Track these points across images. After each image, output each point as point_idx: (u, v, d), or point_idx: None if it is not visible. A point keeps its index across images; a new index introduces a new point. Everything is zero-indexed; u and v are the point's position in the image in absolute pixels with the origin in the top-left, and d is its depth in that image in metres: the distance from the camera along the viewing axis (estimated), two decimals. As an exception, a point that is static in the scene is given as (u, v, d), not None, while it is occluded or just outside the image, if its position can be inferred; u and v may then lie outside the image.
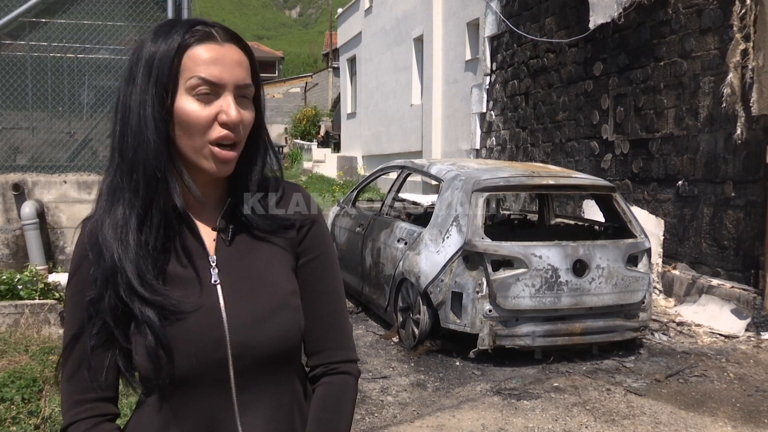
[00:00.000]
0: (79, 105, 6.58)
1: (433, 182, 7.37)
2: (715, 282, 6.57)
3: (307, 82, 35.76)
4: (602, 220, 6.27)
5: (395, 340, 5.83)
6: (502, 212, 8.67)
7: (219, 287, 1.20)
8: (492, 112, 12.10)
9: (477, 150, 12.67)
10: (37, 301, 5.35)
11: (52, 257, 6.34)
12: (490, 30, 12.03)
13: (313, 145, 27.13)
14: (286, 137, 29.86)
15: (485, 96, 12.30)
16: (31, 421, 3.57)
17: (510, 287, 5.05)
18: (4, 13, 6.25)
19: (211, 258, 1.21)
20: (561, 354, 5.35)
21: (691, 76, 7.11)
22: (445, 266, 5.21)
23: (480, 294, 5.08)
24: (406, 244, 5.75)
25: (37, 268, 5.73)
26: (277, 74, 43.88)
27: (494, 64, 12.03)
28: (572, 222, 7.14)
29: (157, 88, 1.13)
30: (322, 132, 29.88)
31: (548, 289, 5.10)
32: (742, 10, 6.28)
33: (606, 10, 8.45)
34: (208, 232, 1.23)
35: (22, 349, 4.50)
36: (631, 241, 5.47)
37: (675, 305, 6.89)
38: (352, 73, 23.29)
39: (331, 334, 1.30)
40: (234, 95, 1.15)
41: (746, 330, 5.99)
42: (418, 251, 5.49)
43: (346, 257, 6.89)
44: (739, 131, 6.33)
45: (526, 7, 10.75)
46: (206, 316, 1.16)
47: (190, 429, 1.18)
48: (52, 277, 5.82)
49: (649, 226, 7.16)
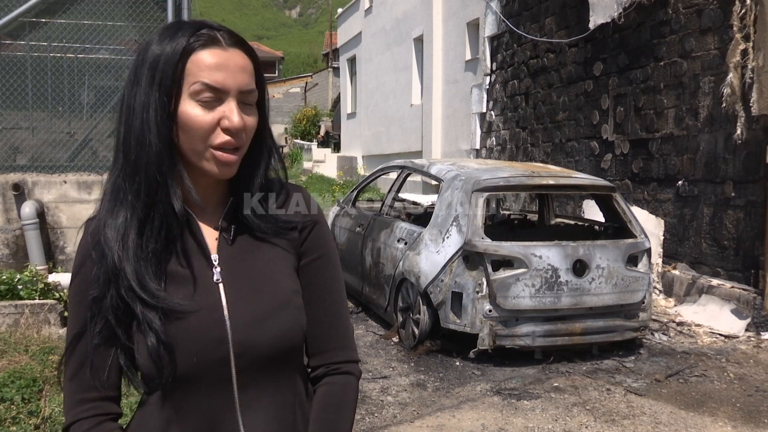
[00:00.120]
0: (79, 105, 6.58)
1: (433, 182, 7.37)
2: (715, 282, 6.57)
3: (307, 82, 35.78)
4: (602, 220, 6.27)
5: (395, 340, 5.83)
6: (502, 212, 8.67)
7: (221, 286, 1.20)
8: (492, 112, 12.10)
9: (477, 150, 12.67)
10: (37, 301, 5.35)
11: (52, 257, 6.34)
12: (490, 30, 12.03)
13: (313, 145, 27.13)
14: (286, 137, 29.85)
15: (485, 96, 12.30)
16: (31, 421, 3.57)
17: (510, 287, 5.05)
18: (4, 13, 6.25)
19: (213, 257, 1.21)
20: (561, 354, 5.35)
21: (691, 76, 7.11)
22: (445, 266, 5.21)
23: (480, 294, 5.08)
24: (406, 244, 5.75)
25: (37, 268, 5.73)
26: (277, 74, 43.87)
27: (494, 64, 12.03)
28: (572, 222, 7.14)
29: (161, 92, 1.13)
30: (322, 132, 29.88)
31: (548, 289, 5.10)
32: (742, 10, 6.28)
33: (606, 10, 8.45)
34: (210, 232, 1.24)
35: (22, 349, 4.50)
36: (631, 241, 5.47)
37: (675, 305, 6.89)
38: (352, 73, 23.29)
39: (332, 335, 1.30)
40: (237, 100, 1.15)
41: (746, 330, 5.99)
42: (418, 251, 5.49)
43: (346, 257, 6.89)
44: (739, 131, 6.33)
45: (526, 7, 10.75)
46: (208, 315, 1.17)
47: (191, 428, 1.18)
48: (52, 277, 5.82)
49: (649, 226, 7.16)
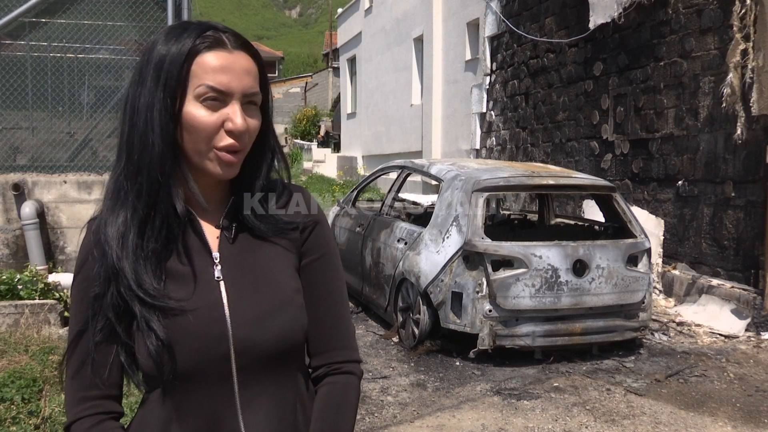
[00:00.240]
0: (79, 105, 6.58)
1: (433, 182, 7.37)
2: (715, 282, 6.57)
3: (307, 82, 35.78)
4: (602, 220, 6.27)
5: (395, 340, 5.83)
6: (502, 212, 8.67)
7: (222, 284, 1.20)
8: (492, 112, 12.10)
9: (477, 150, 12.67)
10: (37, 301, 5.35)
11: (52, 257, 6.34)
12: (490, 30, 12.03)
13: (313, 145, 27.13)
14: (286, 137, 29.86)
15: (485, 96, 12.30)
16: (31, 421, 3.57)
17: (510, 287, 5.05)
18: (4, 13, 6.25)
19: (214, 255, 1.22)
20: (561, 354, 5.35)
21: (691, 76, 7.11)
22: (445, 266, 5.21)
23: (480, 294, 5.08)
24: (406, 244, 5.75)
25: (37, 268, 5.73)
26: (277, 74, 43.88)
27: (494, 64, 12.03)
28: (572, 222, 7.14)
29: (165, 92, 1.13)
30: (322, 132, 29.89)
31: (548, 289, 5.10)
32: (742, 10, 6.28)
33: (606, 10, 8.45)
34: (211, 231, 1.24)
35: (22, 349, 4.50)
36: (631, 241, 5.47)
37: (675, 305, 6.89)
38: (352, 73, 23.29)
39: (334, 335, 1.30)
40: (241, 103, 1.16)
41: (746, 330, 5.99)
42: (418, 251, 5.49)
43: (346, 257, 6.89)
44: (739, 131, 6.32)
45: (526, 7, 10.75)
46: (209, 313, 1.17)
47: (192, 426, 1.18)
48: (52, 277, 5.82)
49: (649, 226, 7.16)
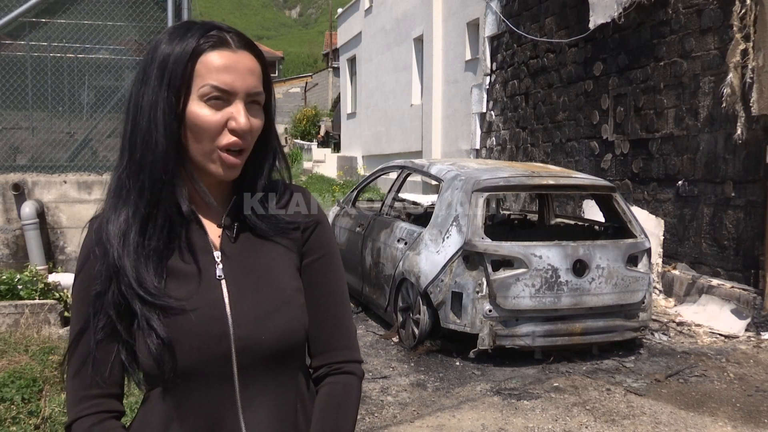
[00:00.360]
0: (79, 105, 6.58)
1: (433, 182, 7.37)
2: (715, 282, 6.57)
3: (307, 82, 35.80)
4: (602, 220, 6.27)
5: (395, 340, 5.83)
6: (502, 212, 8.67)
7: (223, 282, 1.20)
8: (492, 112, 12.10)
9: (477, 150, 12.67)
10: (37, 301, 5.35)
11: (52, 257, 6.34)
12: (490, 30, 12.03)
13: (313, 145, 27.15)
14: (286, 137, 29.87)
15: (485, 96, 12.30)
16: (31, 421, 3.57)
17: (510, 287, 5.05)
18: (4, 13, 6.25)
19: (216, 254, 1.22)
20: (561, 354, 5.35)
21: (691, 76, 7.11)
22: (445, 266, 5.21)
23: (480, 294, 5.08)
24: (406, 244, 5.75)
25: (37, 268, 5.73)
26: (277, 74, 43.88)
27: (494, 64, 12.03)
28: (572, 222, 7.14)
29: (169, 92, 1.13)
30: (322, 132, 29.91)
31: (548, 289, 5.10)
32: (742, 10, 6.28)
33: (606, 10, 8.45)
34: (213, 230, 1.24)
35: (22, 349, 4.50)
36: (631, 241, 5.47)
37: (675, 305, 6.89)
38: (352, 73, 23.29)
39: (335, 334, 1.30)
40: (245, 102, 1.16)
41: (746, 330, 5.99)
42: (418, 251, 5.49)
43: (346, 257, 6.89)
44: (739, 131, 6.32)
45: (526, 7, 10.75)
46: (210, 311, 1.17)
47: (193, 425, 1.18)
48: (52, 277, 5.83)
49: (649, 226, 7.16)
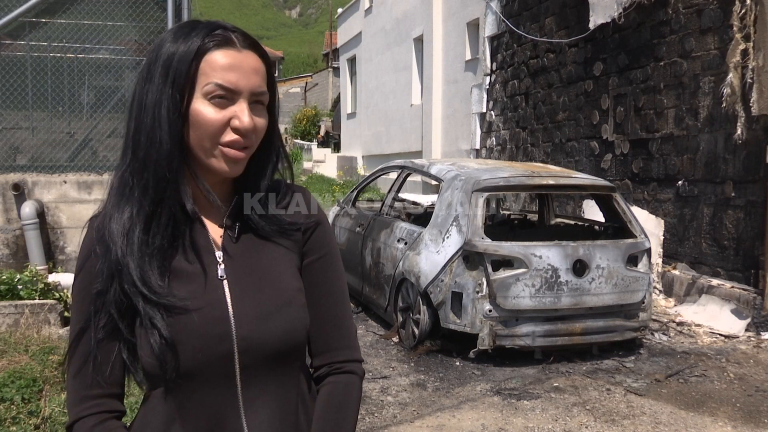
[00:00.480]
0: (79, 105, 6.58)
1: (433, 182, 7.37)
2: (715, 282, 6.57)
3: (307, 82, 35.81)
4: (602, 220, 6.27)
5: (395, 340, 5.83)
6: (502, 212, 8.67)
7: (225, 282, 1.20)
8: (492, 112, 12.10)
9: (477, 150, 12.67)
10: (37, 301, 5.35)
11: (52, 257, 6.34)
12: (490, 30, 12.03)
13: (313, 145, 27.17)
14: (286, 137, 29.88)
15: (485, 96, 12.30)
16: (31, 421, 3.57)
17: (510, 287, 5.05)
18: (4, 13, 6.25)
19: (218, 254, 1.22)
20: (561, 354, 5.35)
21: (691, 76, 7.11)
22: (445, 266, 5.21)
23: (480, 294, 5.08)
24: (406, 244, 5.75)
25: (37, 268, 5.73)
26: (277, 74, 43.83)
27: (494, 64, 12.03)
28: (572, 222, 7.14)
29: (174, 90, 1.13)
30: (322, 132, 29.92)
31: (548, 289, 5.10)
32: (742, 10, 6.28)
33: (606, 10, 8.45)
34: (215, 229, 1.24)
35: (22, 349, 4.50)
36: (631, 241, 5.47)
37: (675, 305, 6.89)
38: (352, 73, 23.29)
39: (335, 334, 1.30)
40: (248, 101, 1.16)
41: (746, 330, 5.99)
42: (418, 251, 5.49)
43: (346, 257, 6.89)
44: (739, 131, 6.32)
45: (526, 7, 10.75)
46: (212, 311, 1.17)
47: (194, 425, 1.17)
48: (52, 277, 5.83)
49: (649, 226, 7.16)
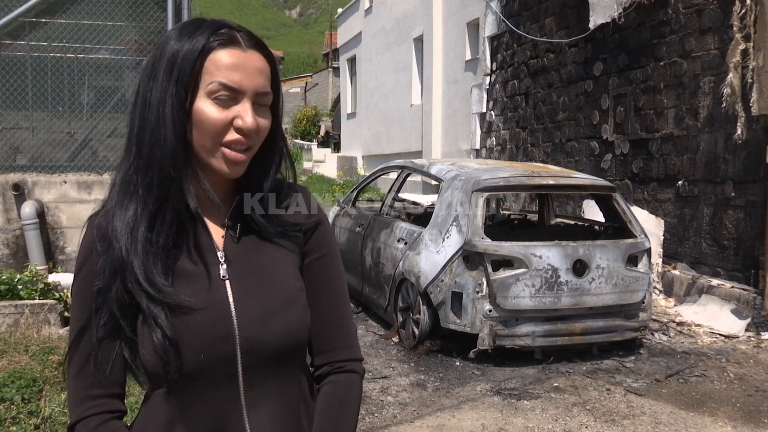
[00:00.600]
0: (79, 105, 6.58)
1: (433, 182, 7.37)
2: (715, 282, 6.57)
3: (307, 82, 35.81)
4: (602, 220, 6.27)
5: (395, 340, 5.83)
6: (502, 212, 8.66)
7: (227, 283, 1.20)
8: (492, 112, 12.10)
9: (477, 150, 12.67)
10: (37, 301, 5.35)
11: (52, 257, 6.34)
12: (490, 30, 12.03)
13: (313, 145, 27.17)
14: (286, 137, 29.88)
15: (485, 96, 12.30)
16: (31, 421, 3.57)
17: (510, 287, 5.05)
18: (4, 13, 6.25)
19: (220, 254, 1.22)
20: (561, 354, 5.35)
21: (691, 76, 7.11)
22: (445, 266, 5.21)
23: (480, 294, 5.08)
24: (406, 244, 5.75)
25: (37, 268, 5.73)
26: (277, 74, 43.85)
27: (494, 64, 12.03)
28: (572, 222, 7.14)
29: (178, 88, 1.13)
30: (322, 132, 29.92)
31: (548, 289, 5.10)
32: (742, 10, 6.28)
33: (606, 10, 8.45)
34: (216, 230, 1.24)
35: (22, 349, 4.50)
36: (631, 241, 5.47)
37: (675, 305, 6.89)
38: (352, 73, 23.29)
39: (336, 333, 1.30)
40: (252, 102, 1.16)
41: (746, 330, 5.99)
42: (418, 251, 5.49)
43: (346, 257, 6.89)
44: (739, 131, 6.32)
45: (526, 7, 10.75)
46: (215, 311, 1.17)
47: (197, 425, 1.17)
48: (52, 277, 5.82)
49: (649, 226, 7.16)
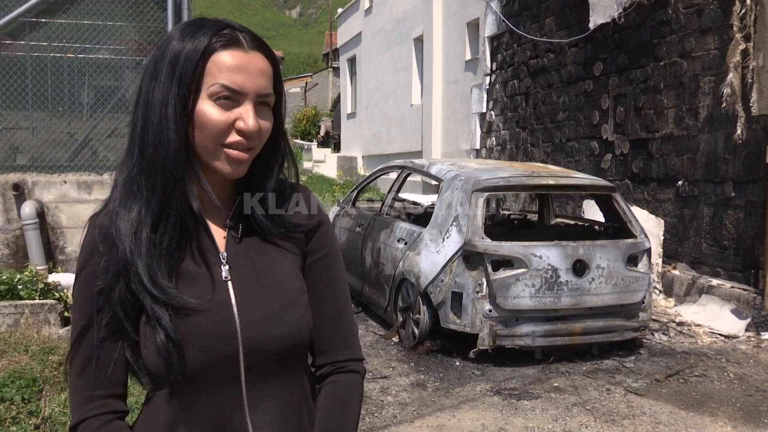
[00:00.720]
0: (79, 105, 6.58)
1: (433, 182, 7.37)
2: (715, 282, 6.57)
3: (307, 82, 35.80)
4: (602, 220, 6.27)
5: (395, 340, 5.83)
6: (502, 212, 8.66)
7: (230, 283, 1.20)
8: (492, 112, 12.10)
9: (477, 150, 12.67)
10: (37, 301, 5.35)
11: (52, 257, 6.34)
12: (490, 30, 12.03)
13: (313, 145, 27.17)
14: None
15: (485, 96, 12.30)
16: (31, 421, 3.57)
17: (510, 287, 5.05)
18: (4, 13, 6.25)
19: (222, 254, 1.22)
20: (561, 354, 5.35)
21: (691, 76, 7.11)
22: (445, 266, 5.21)
23: (480, 294, 5.08)
24: (406, 244, 5.75)
25: (37, 268, 5.73)
26: (277, 74, 43.83)
27: (494, 64, 12.03)
28: (572, 222, 7.14)
29: (180, 89, 1.13)
30: (322, 132, 29.93)
31: (548, 289, 5.10)
32: (742, 10, 6.28)
33: (606, 10, 8.45)
34: (218, 231, 1.24)
35: (22, 349, 4.50)
36: (631, 241, 5.47)
37: (675, 305, 6.89)
38: (352, 73, 23.29)
39: (337, 333, 1.30)
40: (254, 103, 1.15)
41: (746, 330, 5.99)
42: (418, 251, 5.49)
43: (346, 257, 6.89)
44: (739, 131, 6.32)
45: (526, 7, 10.75)
46: (217, 313, 1.17)
47: (199, 425, 1.17)
48: (52, 277, 5.83)
49: (649, 226, 7.16)
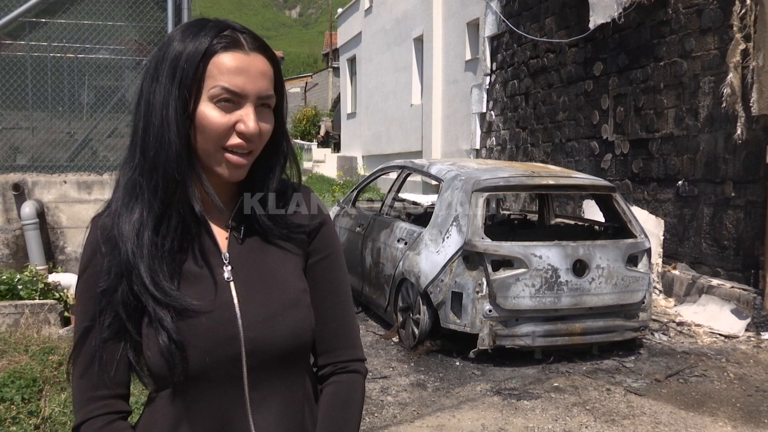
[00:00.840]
0: (79, 105, 6.58)
1: (433, 182, 7.37)
2: (715, 282, 6.57)
3: (307, 82, 35.81)
4: (602, 220, 6.27)
5: (395, 340, 5.83)
6: (502, 212, 8.66)
7: (232, 284, 1.20)
8: (492, 112, 12.10)
9: (477, 150, 12.67)
10: (37, 301, 5.35)
11: (52, 257, 6.34)
12: (490, 30, 12.03)
13: (313, 145, 27.16)
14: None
15: (485, 96, 12.30)
16: (31, 421, 3.57)
17: (510, 287, 5.05)
18: (4, 13, 6.25)
19: (224, 255, 1.22)
20: (561, 354, 5.35)
21: (691, 76, 7.11)
22: (445, 266, 5.21)
23: (480, 294, 5.08)
24: (406, 244, 5.75)
25: (37, 268, 5.73)
26: (277, 74, 43.83)
27: (494, 64, 12.03)
28: (572, 222, 7.14)
29: (181, 91, 1.12)
30: (322, 132, 29.93)
31: (548, 289, 5.10)
32: (742, 10, 6.28)
33: (606, 10, 8.45)
34: (220, 232, 1.24)
35: (22, 349, 4.50)
36: (631, 241, 5.47)
37: (675, 305, 6.89)
38: (352, 73, 23.29)
39: (339, 333, 1.30)
40: (255, 105, 1.15)
41: (746, 330, 5.99)
42: (418, 251, 5.49)
43: (346, 257, 6.85)
44: (739, 131, 6.32)
45: (526, 7, 10.75)
46: (220, 313, 1.17)
47: (202, 426, 1.18)
48: (52, 277, 5.83)
49: (649, 226, 7.16)
